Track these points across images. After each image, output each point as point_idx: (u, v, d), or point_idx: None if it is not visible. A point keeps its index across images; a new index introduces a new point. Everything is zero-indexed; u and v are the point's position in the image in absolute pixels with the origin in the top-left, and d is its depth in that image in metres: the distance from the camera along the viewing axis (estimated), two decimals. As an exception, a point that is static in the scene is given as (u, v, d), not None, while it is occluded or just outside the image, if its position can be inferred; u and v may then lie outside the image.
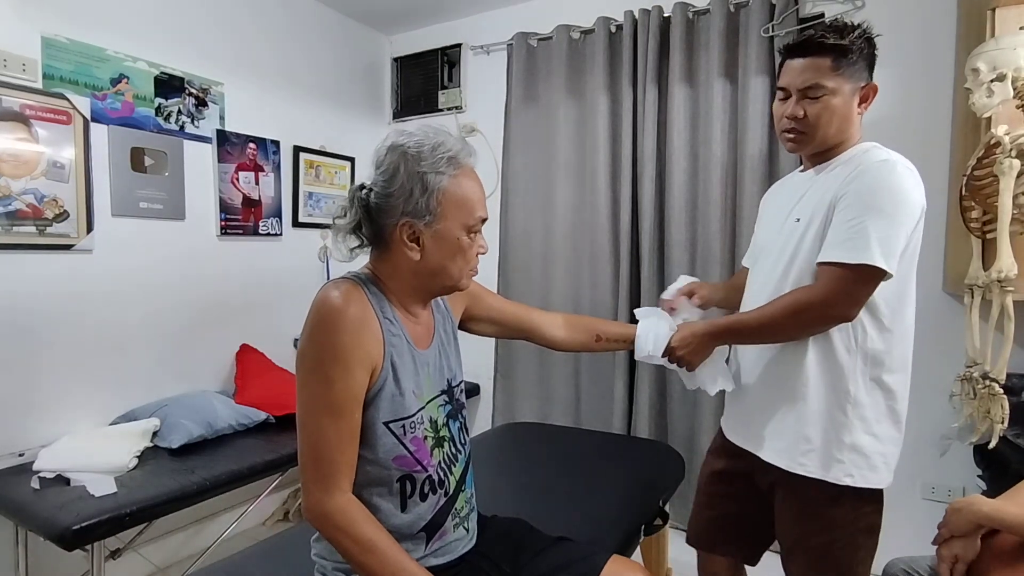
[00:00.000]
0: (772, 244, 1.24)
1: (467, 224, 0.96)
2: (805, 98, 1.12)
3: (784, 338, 1.16)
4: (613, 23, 2.52)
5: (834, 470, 1.12)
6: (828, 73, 1.10)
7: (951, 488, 2.05)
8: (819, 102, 1.11)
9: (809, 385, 1.14)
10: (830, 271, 1.06)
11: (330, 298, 0.90)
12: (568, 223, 2.65)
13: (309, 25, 2.79)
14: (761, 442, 1.21)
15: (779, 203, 1.29)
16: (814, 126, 1.13)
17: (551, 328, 1.28)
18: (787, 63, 1.15)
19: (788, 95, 1.15)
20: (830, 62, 1.09)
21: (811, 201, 1.15)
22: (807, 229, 1.13)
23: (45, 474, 1.70)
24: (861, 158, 1.12)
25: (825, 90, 1.10)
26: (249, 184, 2.53)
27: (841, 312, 1.08)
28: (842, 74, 1.10)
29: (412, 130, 0.96)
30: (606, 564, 1.07)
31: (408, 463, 0.96)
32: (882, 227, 1.04)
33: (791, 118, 1.14)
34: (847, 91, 1.11)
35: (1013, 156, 1.48)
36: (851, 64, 1.10)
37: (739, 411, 1.30)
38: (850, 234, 1.05)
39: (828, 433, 1.13)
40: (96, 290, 2.03)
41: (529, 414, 2.74)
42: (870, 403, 1.13)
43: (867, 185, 1.06)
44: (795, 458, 1.15)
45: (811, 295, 1.08)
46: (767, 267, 1.23)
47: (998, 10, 1.66)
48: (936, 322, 2.05)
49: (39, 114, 1.86)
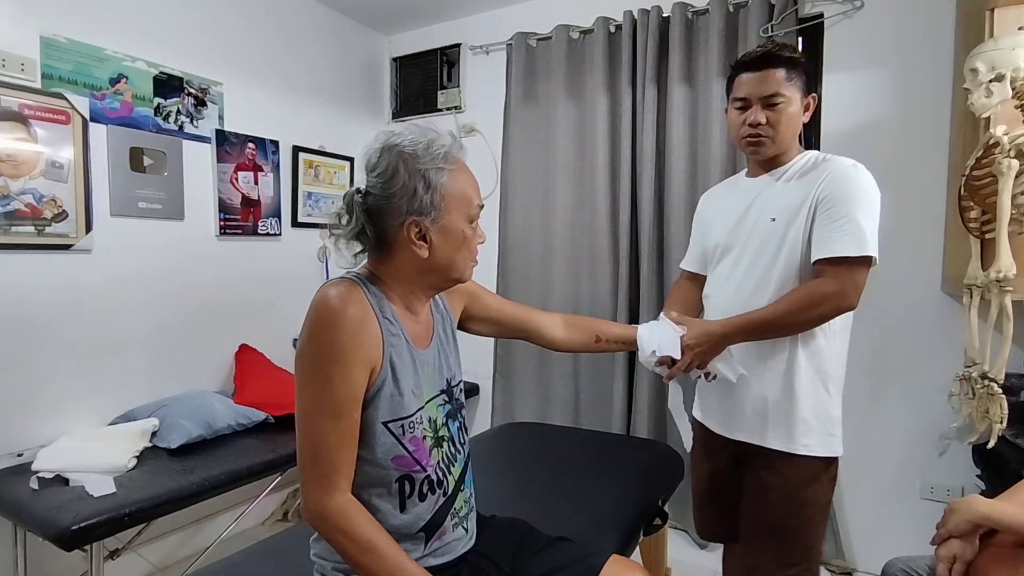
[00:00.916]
0: (740, 242, 1.32)
1: (469, 214, 0.98)
2: (766, 106, 1.24)
3: (795, 331, 1.23)
4: (612, 23, 2.52)
5: (831, 444, 1.26)
6: (784, 83, 1.23)
7: (950, 488, 2.05)
8: (778, 109, 1.24)
9: (802, 371, 1.24)
10: (840, 266, 1.16)
11: (329, 298, 0.90)
12: (567, 223, 2.65)
13: (308, 25, 2.79)
14: (764, 432, 1.27)
15: (729, 205, 1.38)
16: (775, 130, 1.25)
17: (550, 328, 1.28)
18: (743, 76, 1.27)
19: (748, 104, 1.26)
20: (784, 73, 1.23)
21: (782, 202, 1.26)
22: (788, 227, 1.23)
23: (44, 474, 1.70)
24: (827, 164, 1.24)
25: (783, 98, 1.23)
26: (248, 184, 2.52)
27: (851, 302, 1.18)
28: (793, 84, 1.24)
29: (401, 130, 0.96)
30: (605, 564, 1.07)
31: (407, 463, 0.96)
32: (869, 221, 1.17)
33: (754, 124, 1.25)
34: (798, 100, 1.25)
35: (1012, 156, 1.49)
36: (798, 76, 1.24)
37: (732, 405, 1.33)
38: (847, 230, 1.16)
39: (819, 412, 1.25)
40: (95, 290, 2.02)
41: (528, 414, 2.74)
42: (836, 376, 1.28)
43: (849, 185, 1.19)
44: (798, 440, 1.24)
45: (828, 289, 1.16)
46: (744, 264, 1.30)
47: (997, 10, 1.66)
48: (935, 322, 2.05)
49: (38, 114, 1.86)
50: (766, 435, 1.27)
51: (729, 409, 1.34)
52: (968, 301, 1.68)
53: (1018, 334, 1.59)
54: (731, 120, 1.32)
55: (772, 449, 1.26)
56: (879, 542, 2.09)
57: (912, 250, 2.04)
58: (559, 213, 2.66)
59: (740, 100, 1.28)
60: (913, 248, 2.05)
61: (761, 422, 1.27)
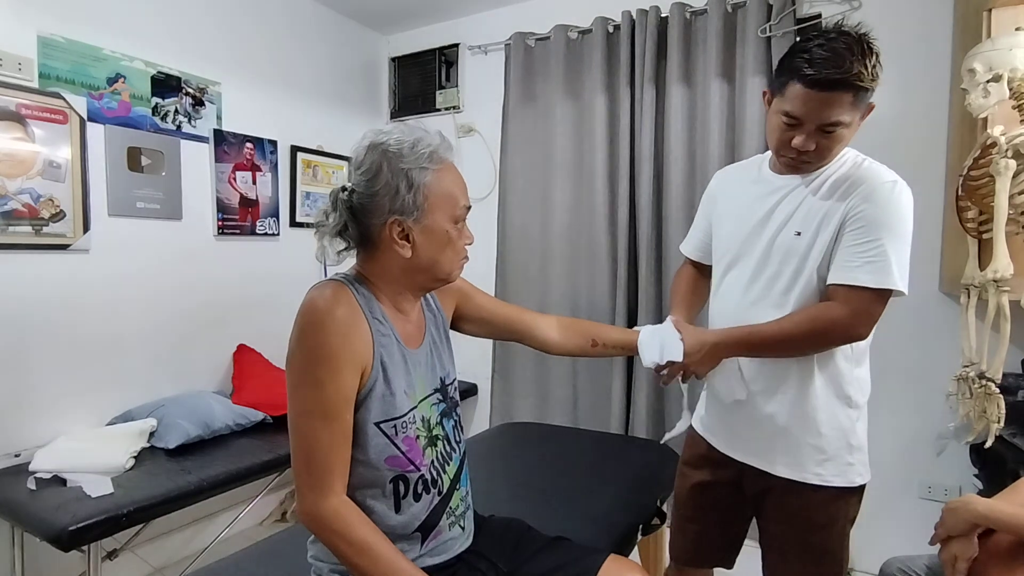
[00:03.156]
0: (757, 253, 1.19)
1: (454, 215, 0.97)
2: (820, 131, 1.06)
3: (796, 354, 1.14)
4: (611, 23, 2.52)
5: (848, 474, 1.16)
6: (847, 108, 1.03)
7: (947, 487, 2.05)
8: (834, 135, 1.06)
9: (818, 397, 1.15)
10: (854, 293, 1.06)
11: (317, 300, 0.90)
12: (566, 223, 2.65)
13: (306, 24, 2.79)
14: (771, 457, 1.19)
15: (747, 202, 1.23)
16: (823, 156, 1.10)
17: (544, 330, 1.25)
18: (804, 91, 1.03)
19: (799, 123, 1.06)
20: (851, 97, 1.02)
21: (810, 215, 1.12)
22: (811, 246, 1.11)
23: (41, 475, 1.70)
24: (863, 175, 1.10)
25: (843, 124, 1.05)
26: (246, 184, 2.52)
27: (860, 332, 1.10)
28: (859, 106, 1.05)
29: (389, 129, 0.96)
30: (604, 564, 1.06)
31: (400, 463, 0.96)
32: (898, 250, 1.06)
33: (803, 151, 1.08)
34: (858, 119, 1.08)
35: (1009, 156, 1.49)
36: (868, 95, 1.05)
37: (737, 424, 1.25)
38: (871, 257, 1.05)
39: (838, 440, 1.15)
40: (92, 290, 2.02)
41: (527, 414, 2.74)
42: (860, 402, 1.18)
43: (883, 207, 1.06)
44: (810, 469, 1.16)
45: (836, 315, 1.07)
46: (764, 278, 1.18)
47: (994, 11, 1.67)
48: (933, 322, 2.06)
49: (35, 113, 1.85)
50: (775, 461, 1.18)
51: (732, 426, 1.26)
52: (966, 301, 1.68)
53: (1015, 334, 1.59)
54: (772, 126, 1.12)
55: (781, 477, 1.18)
56: (877, 541, 2.09)
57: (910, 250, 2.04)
58: (557, 213, 2.66)
59: (791, 116, 1.06)
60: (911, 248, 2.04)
61: (769, 447, 1.19)
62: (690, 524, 1.37)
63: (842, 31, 1.04)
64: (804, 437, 1.16)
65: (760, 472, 1.21)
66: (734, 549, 1.37)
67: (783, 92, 1.07)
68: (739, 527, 1.35)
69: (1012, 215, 1.52)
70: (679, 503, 1.40)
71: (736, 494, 1.29)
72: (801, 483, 1.16)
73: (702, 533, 1.36)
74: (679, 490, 1.41)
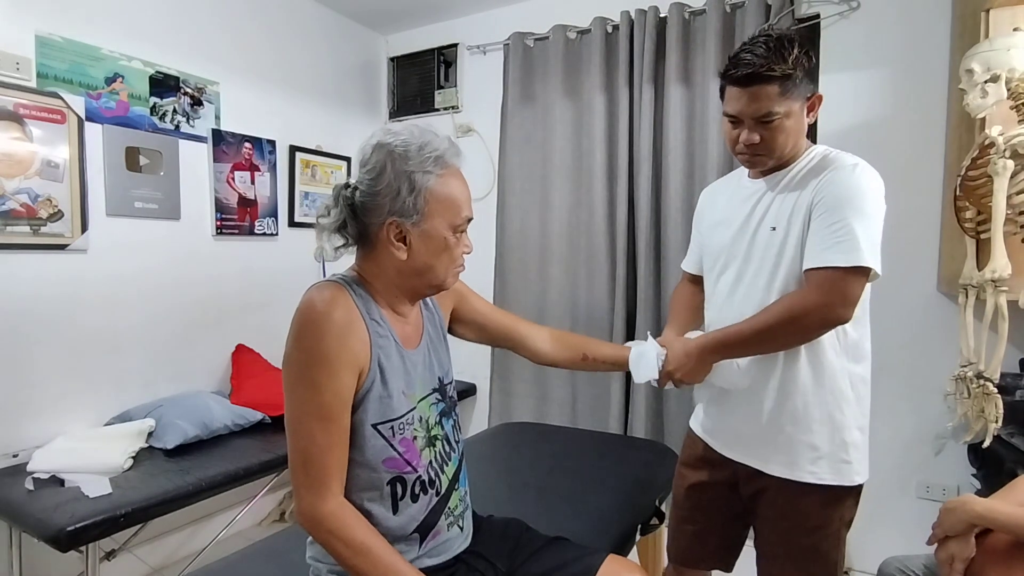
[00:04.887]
0: (742, 252, 1.22)
1: (453, 223, 0.96)
2: (759, 124, 1.11)
3: (780, 347, 1.14)
4: (609, 23, 2.52)
5: (844, 472, 1.15)
6: (777, 99, 1.09)
7: (945, 487, 2.06)
8: (772, 126, 1.11)
9: (807, 392, 1.14)
10: (824, 275, 1.06)
11: (314, 302, 0.90)
12: (564, 223, 2.65)
13: (305, 24, 2.78)
14: (765, 456, 1.19)
15: (731, 208, 1.27)
16: (771, 148, 1.14)
17: (536, 340, 1.25)
18: (731, 90, 1.13)
19: (739, 121, 1.13)
20: (777, 88, 1.08)
21: (782, 210, 1.15)
22: (786, 237, 1.14)
23: (39, 475, 1.70)
24: (825, 164, 1.13)
25: (778, 115, 1.10)
26: (245, 184, 2.52)
27: (838, 315, 1.07)
28: (789, 96, 1.09)
29: (399, 129, 0.95)
30: (602, 563, 1.07)
31: (398, 464, 0.96)
32: (866, 227, 1.05)
33: (748, 144, 1.14)
34: (797, 109, 1.12)
35: (1007, 156, 1.49)
36: (796, 84, 1.09)
37: (731, 424, 1.26)
38: (838, 237, 1.05)
39: (832, 437, 1.14)
40: (91, 290, 2.02)
41: (526, 414, 2.74)
42: (855, 398, 1.16)
43: (844, 187, 1.08)
44: (804, 467, 1.15)
45: (807, 300, 1.07)
46: (747, 280, 1.20)
47: (992, 11, 1.67)
48: (930, 322, 2.06)
49: (33, 113, 1.85)
50: (769, 460, 1.18)
51: (727, 426, 1.27)
52: (963, 301, 1.68)
53: (1013, 334, 1.59)
54: (725, 131, 1.20)
55: (775, 476, 1.18)
56: (875, 541, 2.09)
57: (908, 250, 2.05)
58: (556, 213, 2.66)
59: (731, 116, 1.15)
60: (909, 248, 2.05)
61: (763, 445, 1.19)
62: (687, 525, 1.37)
63: (764, 33, 1.12)
64: (797, 434, 1.15)
65: (755, 472, 1.21)
66: (732, 551, 1.37)
67: (723, 97, 1.17)
68: (737, 529, 1.34)
69: (1010, 215, 1.53)
70: (677, 504, 1.40)
71: (733, 495, 1.29)
72: (795, 482, 1.16)
73: (699, 534, 1.35)
74: (677, 491, 1.41)
